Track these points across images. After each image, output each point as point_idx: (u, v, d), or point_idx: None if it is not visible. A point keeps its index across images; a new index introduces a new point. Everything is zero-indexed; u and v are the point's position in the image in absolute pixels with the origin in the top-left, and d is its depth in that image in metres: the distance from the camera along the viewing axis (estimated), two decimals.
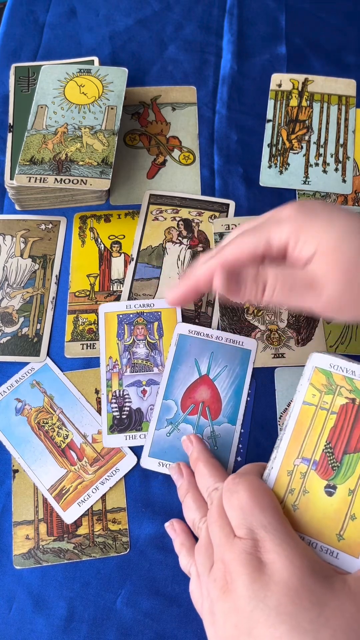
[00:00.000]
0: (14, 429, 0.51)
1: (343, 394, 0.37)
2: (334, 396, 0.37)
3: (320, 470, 0.36)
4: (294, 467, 0.37)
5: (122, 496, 0.49)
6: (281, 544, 0.31)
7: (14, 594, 0.46)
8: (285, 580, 0.30)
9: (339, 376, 0.37)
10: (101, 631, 0.45)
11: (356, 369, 0.37)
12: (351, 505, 0.35)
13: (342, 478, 0.35)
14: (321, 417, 0.37)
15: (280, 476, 0.37)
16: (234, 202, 0.61)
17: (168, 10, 0.73)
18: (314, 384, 0.38)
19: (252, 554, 0.32)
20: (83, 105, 0.60)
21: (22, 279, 0.57)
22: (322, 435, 0.37)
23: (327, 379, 0.37)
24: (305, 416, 0.37)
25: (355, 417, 0.36)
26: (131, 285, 0.57)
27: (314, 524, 0.35)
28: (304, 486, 0.36)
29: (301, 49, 0.70)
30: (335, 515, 0.35)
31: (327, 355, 0.38)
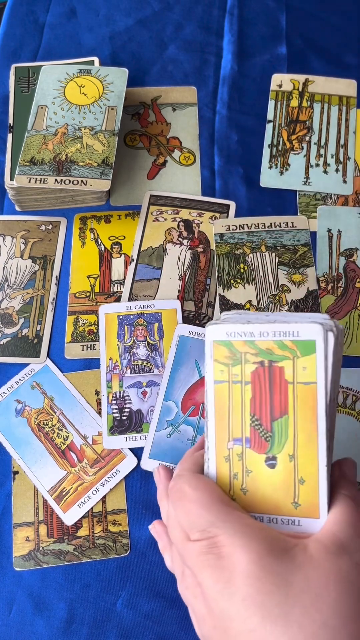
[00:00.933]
0: (14, 430, 0.51)
1: (249, 360, 0.34)
2: (242, 365, 0.34)
3: (254, 445, 0.34)
4: (229, 451, 0.35)
5: (122, 498, 0.49)
6: (234, 534, 0.31)
7: (14, 596, 0.46)
8: (246, 570, 0.29)
9: (239, 343, 0.34)
10: (101, 633, 0.45)
11: (253, 329, 0.34)
12: (296, 470, 0.33)
13: (278, 447, 0.34)
14: (237, 392, 0.34)
15: (219, 465, 0.35)
16: (235, 202, 0.61)
17: (168, 10, 0.73)
18: (218, 360, 0.35)
19: (208, 552, 0.31)
20: (83, 106, 0.60)
21: (22, 279, 0.57)
22: (244, 410, 0.34)
23: (229, 350, 0.34)
24: (221, 396, 0.35)
25: (269, 379, 0.34)
26: (131, 286, 0.57)
27: (267, 500, 0.34)
28: (245, 467, 0.35)
29: (302, 49, 0.69)
30: (284, 485, 0.34)
31: (220, 325, 0.34)
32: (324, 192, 0.61)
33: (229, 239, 0.58)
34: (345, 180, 0.62)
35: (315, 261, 0.58)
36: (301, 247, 0.58)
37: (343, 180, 0.62)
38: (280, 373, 0.34)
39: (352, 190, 0.61)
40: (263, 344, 0.34)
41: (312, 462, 0.33)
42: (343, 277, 0.57)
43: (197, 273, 0.57)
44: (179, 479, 0.35)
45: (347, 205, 0.61)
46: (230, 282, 0.56)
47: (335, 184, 0.62)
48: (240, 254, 0.58)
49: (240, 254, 0.58)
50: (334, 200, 0.61)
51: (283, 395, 0.34)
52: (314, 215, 0.60)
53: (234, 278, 0.57)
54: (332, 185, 0.61)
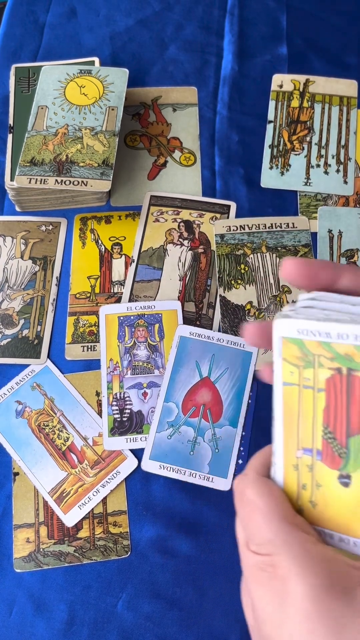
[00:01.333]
0: (14, 431, 0.51)
1: (324, 364, 0.29)
2: (314, 369, 0.30)
3: (326, 459, 0.30)
4: (298, 460, 0.31)
5: (122, 499, 0.49)
6: (292, 558, 0.28)
7: (14, 598, 0.46)
8: (298, 603, 0.27)
9: (312, 343, 0.29)
10: (102, 635, 0.45)
11: (330, 329, 0.28)
12: None
13: (354, 465, 0.29)
14: (308, 398, 0.30)
15: (287, 472, 0.31)
16: (235, 203, 0.61)
17: (168, 10, 0.73)
18: (287, 359, 0.30)
19: (264, 570, 0.28)
20: (83, 106, 0.60)
21: (23, 280, 0.57)
22: (316, 419, 0.30)
23: (301, 350, 0.30)
24: (291, 399, 0.30)
25: (347, 390, 0.29)
26: (132, 286, 0.57)
27: (338, 518, 0.30)
28: (315, 480, 0.31)
29: (302, 49, 0.69)
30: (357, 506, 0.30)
31: (291, 319, 0.29)
32: (324, 193, 0.61)
33: (230, 240, 0.58)
34: (346, 180, 0.62)
35: None
36: (302, 248, 0.58)
37: (344, 181, 0.62)
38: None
39: (352, 190, 0.61)
40: (341, 348, 0.28)
41: None
42: None
43: (197, 274, 0.57)
44: (244, 479, 0.32)
45: (348, 206, 0.61)
46: (231, 282, 0.56)
47: (336, 185, 0.61)
48: (240, 254, 0.58)
49: (241, 255, 0.58)
50: (335, 200, 0.61)
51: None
52: (314, 216, 0.60)
53: (235, 279, 0.56)
54: (332, 186, 0.61)
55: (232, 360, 0.52)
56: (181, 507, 0.48)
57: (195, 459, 0.49)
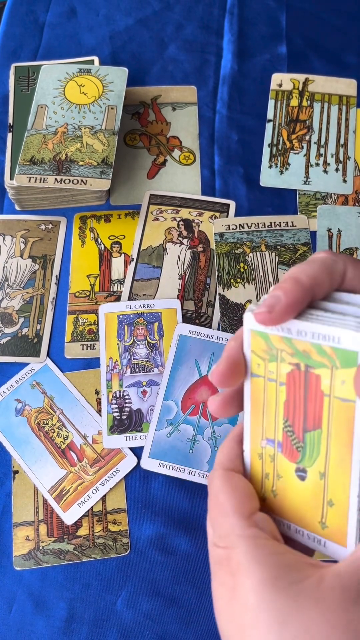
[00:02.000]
0: (14, 429, 0.51)
1: (285, 359, 0.29)
2: (277, 363, 0.30)
3: (286, 452, 0.31)
4: (262, 449, 0.32)
5: (122, 497, 0.49)
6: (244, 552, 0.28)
7: (14, 595, 0.46)
8: (245, 596, 0.27)
9: (276, 337, 0.29)
10: (101, 632, 0.45)
11: (291, 325, 0.29)
12: (325, 491, 0.30)
13: (309, 460, 0.30)
14: (272, 390, 0.30)
15: (253, 460, 0.32)
16: (235, 202, 0.61)
17: (168, 10, 0.73)
18: (255, 351, 0.30)
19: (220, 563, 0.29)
20: (83, 105, 0.60)
21: (22, 279, 0.57)
22: (278, 412, 0.31)
23: (266, 343, 0.30)
24: (257, 390, 0.31)
25: (304, 386, 0.29)
26: (131, 285, 0.57)
27: (295, 510, 0.31)
28: (276, 470, 0.31)
29: (302, 48, 0.69)
30: (313, 501, 0.30)
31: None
32: (324, 192, 0.61)
33: (229, 239, 0.58)
34: (345, 179, 0.62)
35: None
36: (301, 247, 0.58)
37: (343, 180, 0.62)
38: (317, 381, 0.29)
39: (352, 189, 0.61)
40: (300, 345, 0.29)
41: (343, 489, 0.29)
42: None
43: (197, 272, 0.57)
44: (212, 475, 0.32)
45: (347, 205, 0.61)
46: (230, 281, 0.56)
47: (335, 184, 0.62)
48: (240, 253, 0.58)
49: (240, 254, 0.58)
50: (334, 199, 0.61)
51: (318, 406, 0.29)
52: (313, 215, 0.60)
53: (234, 277, 0.57)
54: (332, 185, 0.61)
55: None
56: (180, 505, 0.48)
57: (194, 457, 0.49)
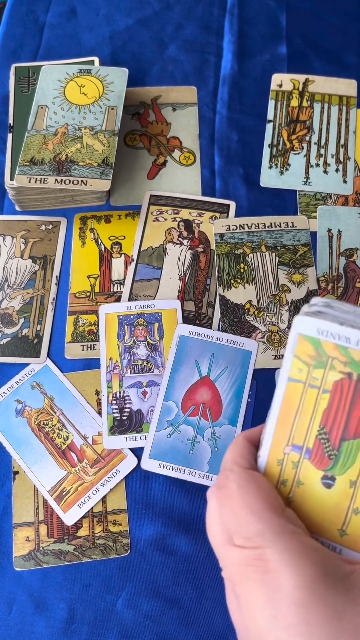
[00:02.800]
0: (14, 430, 0.51)
1: (336, 367, 0.30)
2: (325, 370, 0.30)
3: (315, 459, 0.31)
4: (284, 455, 0.31)
5: (122, 498, 0.49)
6: (284, 550, 0.27)
7: (14, 596, 0.46)
8: (293, 594, 0.26)
9: (329, 345, 0.30)
10: (101, 633, 0.45)
11: (351, 334, 0.29)
12: (354, 498, 0.30)
13: (341, 468, 0.30)
14: (311, 397, 0.31)
15: (270, 466, 0.32)
16: (235, 202, 0.61)
17: (168, 10, 0.73)
18: (299, 356, 0.31)
19: (253, 565, 0.28)
20: (83, 106, 0.60)
21: (22, 279, 0.57)
22: (314, 419, 0.31)
23: (316, 349, 0.30)
24: (293, 396, 0.31)
25: (352, 395, 0.30)
26: (131, 286, 0.57)
27: (311, 517, 0.31)
28: (298, 477, 0.31)
29: (302, 49, 0.69)
30: (335, 509, 0.30)
31: (313, 318, 0.30)
32: (324, 192, 0.61)
33: (229, 239, 0.58)
34: (345, 180, 0.62)
35: (315, 261, 0.58)
36: (301, 247, 0.58)
37: (343, 180, 0.62)
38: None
39: (352, 190, 0.61)
40: (357, 354, 0.29)
41: None
42: (343, 277, 0.57)
43: (197, 273, 0.57)
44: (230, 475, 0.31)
45: (347, 205, 0.61)
46: (230, 282, 0.56)
47: (336, 184, 0.62)
48: (240, 253, 0.58)
49: (241, 254, 0.58)
50: (334, 200, 0.61)
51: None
52: (314, 215, 0.60)
53: (234, 278, 0.57)
54: (332, 185, 0.61)
55: (232, 359, 0.52)
56: (181, 505, 0.48)
57: (194, 458, 0.49)
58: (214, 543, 0.31)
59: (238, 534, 0.29)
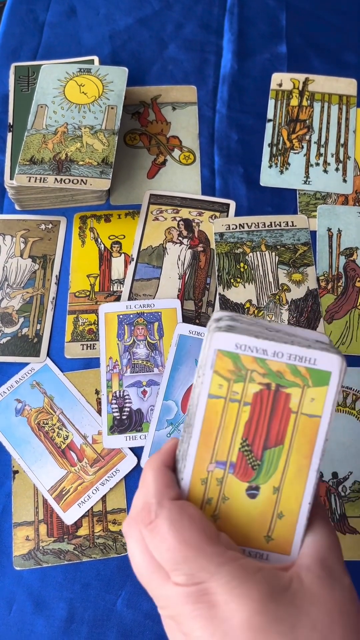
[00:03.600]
0: (14, 429, 0.51)
1: (255, 379, 0.31)
2: (245, 383, 0.31)
3: (239, 472, 0.31)
4: (208, 473, 0.32)
5: (122, 497, 0.49)
6: (229, 580, 0.27)
7: (14, 595, 0.46)
8: (247, 622, 0.26)
9: (248, 358, 0.30)
10: (101, 632, 0.45)
11: (267, 346, 0.30)
12: (277, 504, 0.31)
13: (264, 477, 0.31)
14: (233, 411, 0.31)
15: (194, 486, 0.32)
16: (235, 202, 0.61)
17: (168, 9, 0.73)
18: (218, 372, 0.31)
19: (198, 601, 0.27)
20: (83, 105, 0.60)
21: (22, 279, 0.57)
22: (237, 432, 0.31)
23: (235, 364, 0.31)
24: (213, 412, 0.31)
25: (272, 405, 0.31)
26: (131, 285, 0.57)
27: (238, 530, 0.31)
28: (223, 493, 0.32)
29: (302, 48, 0.69)
30: (260, 517, 0.31)
31: (230, 334, 0.30)
32: (324, 191, 0.61)
33: (229, 238, 0.58)
34: (345, 179, 0.62)
35: (315, 260, 0.58)
36: (301, 246, 0.58)
37: (343, 179, 0.62)
38: (286, 400, 0.31)
39: (352, 189, 0.61)
40: (274, 365, 0.30)
41: (296, 498, 0.31)
42: (343, 276, 0.57)
43: (197, 272, 0.57)
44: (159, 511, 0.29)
45: (347, 205, 0.61)
46: (230, 281, 0.56)
47: (335, 183, 0.61)
48: (240, 253, 0.58)
49: (240, 253, 0.58)
50: (334, 199, 0.61)
51: (283, 424, 0.31)
52: (314, 215, 0.60)
53: (234, 277, 0.57)
54: (332, 184, 0.61)
55: None
56: None
57: None
58: (148, 584, 0.30)
59: (177, 571, 0.28)
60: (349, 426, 0.51)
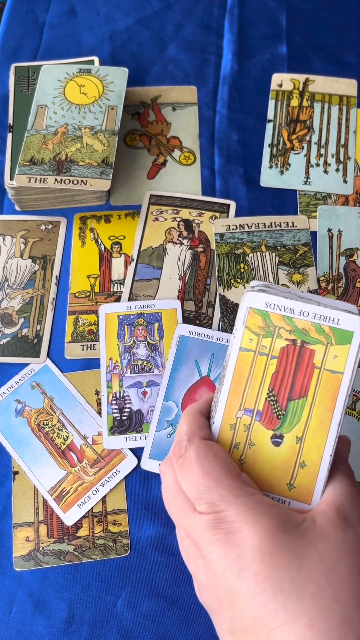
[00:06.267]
0: (14, 430, 0.51)
1: (282, 335, 0.34)
2: (272, 339, 0.34)
3: (264, 420, 0.34)
4: (237, 419, 0.35)
5: (122, 498, 0.49)
6: (245, 510, 0.30)
7: (14, 596, 0.46)
8: (257, 546, 0.29)
9: (276, 316, 0.34)
10: (101, 633, 0.45)
11: (294, 306, 0.33)
12: (300, 453, 0.34)
13: (288, 426, 0.34)
14: (261, 363, 0.34)
15: (223, 431, 0.35)
16: (235, 202, 0.61)
17: (168, 9, 0.73)
18: (249, 327, 0.34)
19: (217, 527, 0.31)
20: (83, 106, 0.60)
21: (22, 279, 0.57)
22: (264, 383, 0.34)
23: (264, 320, 0.34)
24: (244, 364, 0.34)
25: (297, 359, 0.34)
26: (131, 286, 0.57)
27: (263, 476, 0.34)
28: (249, 439, 0.34)
29: (302, 48, 0.69)
30: (284, 465, 0.34)
31: (261, 293, 0.34)
32: (324, 192, 0.61)
33: (229, 239, 0.58)
34: (345, 180, 0.62)
35: (315, 261, 0.58)
36: (301, 247, 0.58)
37: (343, 180, 0.62)
38: (310, 356, 0.34)
39: (352, 190, 0.61)
40: (300, 323, 0.34)
41: (317, 449, 0.33)
42: (343, 277, 0.57)
43: (197, 273, 0.57)
44: (188, 445, 0.34)
45: (348, 205, 0.61)
46: (230, 281, 0.56)
47: (336, 184, 0.61)
48: (240, 253, 0.58)
49: (241, 254, 0.58)
50: (335, 200, 0.61)
51: (307, 378, 0.34)
52: (314, 215, 0.60)
53: (234, 278, 0.57)
54: (332, 185, 0.61)
55: None
56: None
57: None
58: (177, 513, 0.34)
59: (200, 500, 0.32)
60: (350, 427, 0.51)
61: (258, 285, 0.35)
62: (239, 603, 0.29)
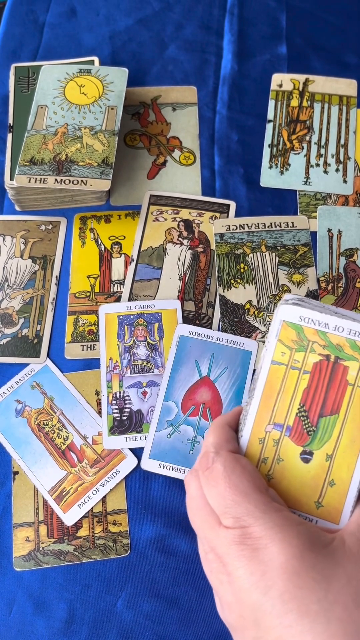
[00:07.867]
0: (14, 430, 0.51)
1: (316, 350, 0.33)
2: (306, 353, 0.33)
3: (294, 436, 0.33)
4: (266, 434, 0.34)
5: (122, 498, 0.49)
6: (272, 526, 0.29)
7: (14, 596, 0.46)
8: (284, 564, 0.28)
9: (310, 330, 0.33)
10: (101, 633, 0.45)
11: (329, 321, 0.33)
12: (329, 471, 0.33)
13: (318, 443, 0.33)
14: (293, 378, 0.34)
15: (252, 445, 0.34)
16: (235, 202, 0.61)
17: (168, 10, 0.73)
18: (282, 341, 0.34)
19: (243, 543, 0.30)
20: (83, 106, 0.60)
21: (22, 279, 0.57)
22: (295, 398, 0.34)
23: (298, 334, 0.33)
24: (275, 377, 0.34)
25: (330, 375, 0.33)
26: (131, 286, 0.57)
27: (290, 492, 0.33)
28: (278, 454, 0.34)
29: (302, 49, 0.69)
30: (312, 482, 0.33)
31: (296, 307, 0.33)
32: (324, 192, 0.61)
33: (229, 239, 0.58)
34: (345, 180, 0.62)
35: (315, 261, 0.58)
36: (301, 247, 0.58)
37: (343, 180, 0.62)
38: (344, 372, 0.33)
39: (352, 190, 0.61)
40: (334, 338, 0.33)
41: (348, 468, 0.33)
42: (343, 277, 0.57)
43: (197, 273, 0.57)
44: (216, 457, 0.33)
45: (348, 205, 0.61)
46: (230, 282, 0.56)
47: (336, 184, 0.61)
48: (240, 253, 0.58)
49: (241, 254, 0.58)
50: (334, 200, 0.61)
51: (340, 394, 0.33)
52: (314, 215, 0.60)
53: (234, 278, 0.57)
54: (332, 185, 0.61)
55: (232, 359, 0.52)
56: (181, 506, 0.48)
57: (194, 458, 0.49)
58: (201, 527, 0.33)
59: (226, 514, 0.31)
60: None
61: (292, 298, 0.35)
62: (264, 622, 0.29)
